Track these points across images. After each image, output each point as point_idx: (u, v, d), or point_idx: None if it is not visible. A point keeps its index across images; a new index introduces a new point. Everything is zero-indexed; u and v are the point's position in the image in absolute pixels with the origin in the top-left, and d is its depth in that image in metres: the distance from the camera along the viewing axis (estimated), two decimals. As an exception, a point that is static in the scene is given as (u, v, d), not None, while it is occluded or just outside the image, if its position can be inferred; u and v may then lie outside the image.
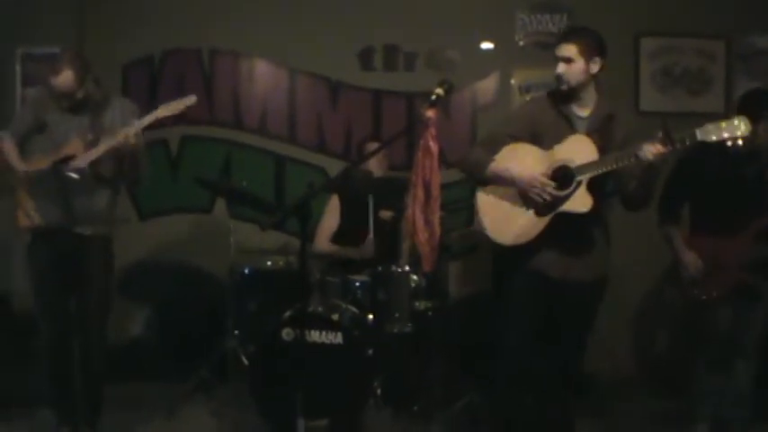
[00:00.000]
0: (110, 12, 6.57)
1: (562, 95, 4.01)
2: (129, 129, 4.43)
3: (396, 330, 5.10)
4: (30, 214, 4.49)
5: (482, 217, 4.15)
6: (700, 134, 3.51)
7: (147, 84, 6.60)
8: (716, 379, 4.80)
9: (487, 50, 6.53)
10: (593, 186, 3.80)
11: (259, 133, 6.67)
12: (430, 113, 3.68)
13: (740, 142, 3.49)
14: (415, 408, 5.19)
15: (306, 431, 4.41)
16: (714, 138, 3.49)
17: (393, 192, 5.45)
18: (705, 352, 4.86)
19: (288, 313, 4.89)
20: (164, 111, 4.53)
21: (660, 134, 3.57)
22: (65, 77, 4.43)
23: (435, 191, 3.73)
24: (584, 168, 3.79)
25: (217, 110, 6.68)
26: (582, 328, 4.12)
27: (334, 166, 6.51)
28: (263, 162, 6.66)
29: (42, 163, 4.46)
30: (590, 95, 3.99)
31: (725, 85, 6.46)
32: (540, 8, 6.46)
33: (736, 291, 4.64)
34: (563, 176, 3.86)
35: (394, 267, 5.18)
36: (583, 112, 3.99)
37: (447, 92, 3.74)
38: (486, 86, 6.57)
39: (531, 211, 3.95)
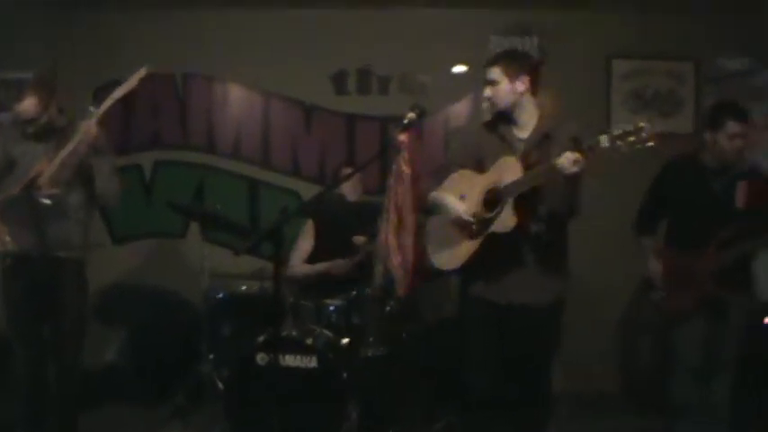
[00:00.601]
0: (83, 36, 6.56)
1: (501, 119, 4.03)
2: (88, 121, 4.40)
3: (370, 354, 5.11)
4: (2, 240, 4.46)
5: (428, 243, 4.19)
6: (603, 140, 3.45)
7: (120, 108, 6.56)
8: (692, 394, 4.84)
9: (460, 73, 6.56)
10: (523, 206, 3.78)
11: (233, 157, 6.69)
12: (402, 137, 3.71)
13: (649, 144, 3.43)
14: (392, 431, 5.17)
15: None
16: (619, 143, 3.43)
17: (367, 216, 5.46)
18: (679, 366, 4.89)
19: (262, 337, 4.88)
20: (120, 91, 4.49)
21: (571, 144, 3.56)
22: (28, 104, 4.45)
23: (408, 215, 3.74)
24: (508, 188, 3.79)
25: (190, 134, 6.69)
26: (539, 351, 4.08)
27: (309, 191, 6.53)
28: (236, 186, 6.66)
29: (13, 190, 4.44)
30: (528, 116, 3.98)
31: (694, 106, 6.53)
32: (512, 30, 6.50)
33: (704, 303, 4.69)
34: (493, 199, 3.87)
35: (368, 291, 5.18)
36: (522, 133, 3.98)
37: (419, 116, 3.77)
38: (460, 110, 6.61)
39: (467, 236, 3.97)
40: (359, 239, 5.57)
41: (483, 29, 6.50)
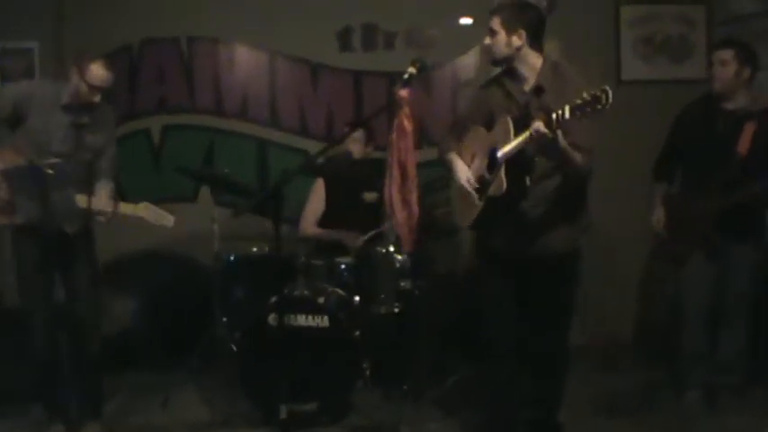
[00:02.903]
0: (87, 2, 6.52)
1: (505, 74, 4.00)
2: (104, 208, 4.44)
3: (382, 311, 5.12)
4: (7, 211, 4.46)
5: (451, 199, 4.21)
6: (566, 111, 3.37)
7: (126, 74, 6.55)
8: (700, 340, 4.82)
9: (467, 26, 6.48)
10: (513, 169, 3.72)
11: (240, 119, 6.65)
12: (403, 93, 3.67)
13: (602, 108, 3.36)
14: (405, 387, 5.18)
15: (295, 415, 4.47)
16: (578, 113, 3.32)
17: (375, 173, 5.44)
18: (688, 315, 4.87)
19: (273, 298, 4.88)
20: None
21: (542, 113, 3.50)
22: (100, 71, 4.41)
23: (411, 171, 3.71)
24: (499, 153, 3.76)
25: (197, 97, 6.65)
26: (552, 304, 4.07)
27: (317, 149, 6.46)
28: (245, 147, 6.64)
29: (17, 160, 4.42)
30: (529, 69, 3.91)
31: (706, 51, 6.38)
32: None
33: (704, 247, 4.67)
34: (492, 160, 3.84)
35: (378, 248, 5.17)
36: (526, 86, 3.93)
37: (420, 70, 3.74)
38: (467, 62, 6.54)
39: (474, 196, 3.98)
40: (369, 196, 5.55)
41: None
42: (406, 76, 3.71)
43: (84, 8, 6.51)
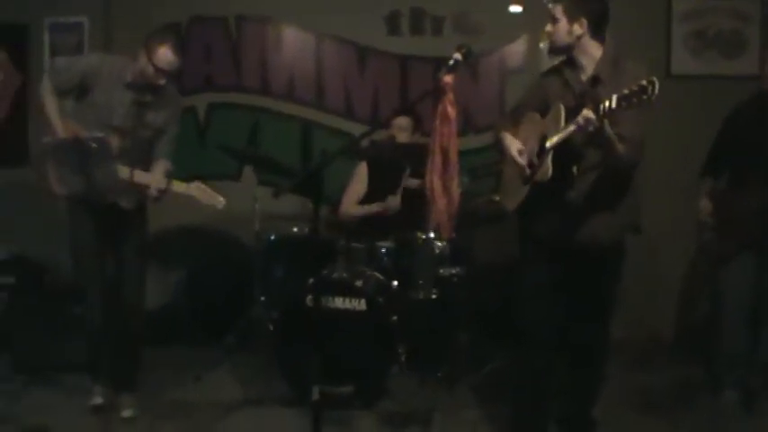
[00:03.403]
0: (136, -21, 6.58)
1: (565, 63, 3.98)
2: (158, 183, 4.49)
3: (420, 297, 5.12)
4: (56, 183, 4.51)
5: (502, 181, 4.23)
6: (613, 101, 3.38)
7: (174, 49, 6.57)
8: (740, 341, 4.76)
9: (516, 13, 6.43)
10: (560, 157, 3.73)
11: (286, 99, 6.67)
12: (447, 79, 3.63)
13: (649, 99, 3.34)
14: (440, 374, 5.18)
15: (329, 397, 4.47)
16: (624, 104, 3.34)
17: (420, 158, 5.41)
18: (726, 311, 4.81)
19: (311, 280, 4.89)
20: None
21: (591, 102, 3.51)
22: (166, 54, 4.45)
23: (453, 157, 3.68)
24: (549, 141, 3.77)
25: (243, 76, 6.70)
26: (592, 295, 4.04)
27: (361, 132, 6.45)
28: (290, 128, 6.66)
29: (78, 131, 4.44)
30: (588, 59, 3.88)
31: (760, 47, 6.29)
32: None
33: (751, 244, 4.60)
34: (542, 146, 3.85)
35: (419, 234, 5.17)
36: (583, 76, 3.89)
37: (465, 57, 3.69)
38: (515, 50, 6.49)
39: (522, 179, 3.99)
40: (413, 182, 5.54)
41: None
42: (451, 62, 3.67)
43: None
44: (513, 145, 4.00)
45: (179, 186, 4.50)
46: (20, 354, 5.47)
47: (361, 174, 5.91)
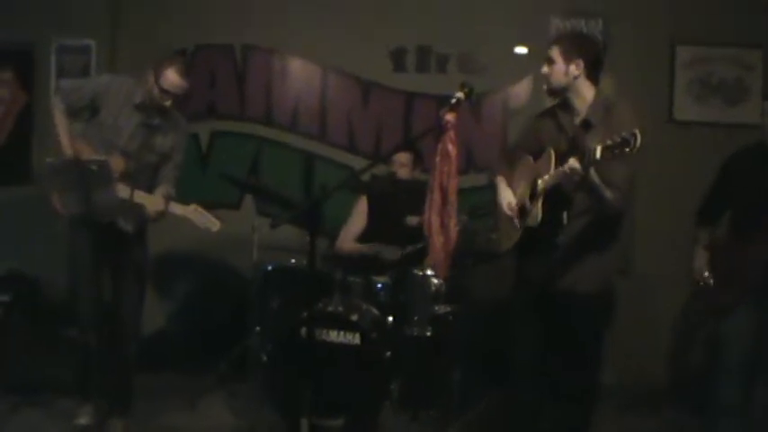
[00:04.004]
0: (144, 4, 6.64)
1: (559, 106, 4.02)
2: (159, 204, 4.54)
3: (415, 333, 5.10)
4: (58, 202, 4.53)
5: (500, 220, 4.24)
6: (597, 153, 3.42)
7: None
8: (737, 393, 4.72)
9: (521, 54, 6.46)
10: (550, 202, 3.78)
11: (289, 130, 6.69)
12: (449, 117, 3.67)
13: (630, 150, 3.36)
14: (432, 412, 5.16)
15: (321, 430, 4.47)
16: (608, 154, 3.37)
17: (420, 196, 5.42)
18: (723, 362, 4.77)
19: (306, 312, 4.88)
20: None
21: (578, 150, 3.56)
22: (175, 79, 4.51)
23: (452, 196, 3.70)
24: (538, 185, 3.83)
25: (247, 105, 6.73)
26: (578, 341, 4.02)
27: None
28: (292, 159, 6.68)
29: (86, 152, 4.50)
30: (581, 102, 3.92)
31: (762, 95, 6.32)
32: (575, 13, 6.38)
33: (750, 298, 4.57)
34: (533, 190, 3.89)
35: (416, 270, 5.17)
36: (576, 120, 3.93)
37: (468, 95, 3.74)
38: (519, 90, 6.51)
39: (514, 223, 4.03)
40: (412, 220, 5.53)
41: (545, 9, 6.38)
42: (453, 100, 3.71)
43: (141, 8, 6.64)
44: (505, 195, 4.08)
45: (176, 208, 4.54)
46: (10, 373, 5.42)
47: (361, 209, 5.91)
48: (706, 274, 4.74)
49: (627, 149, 3.30)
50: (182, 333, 6.33)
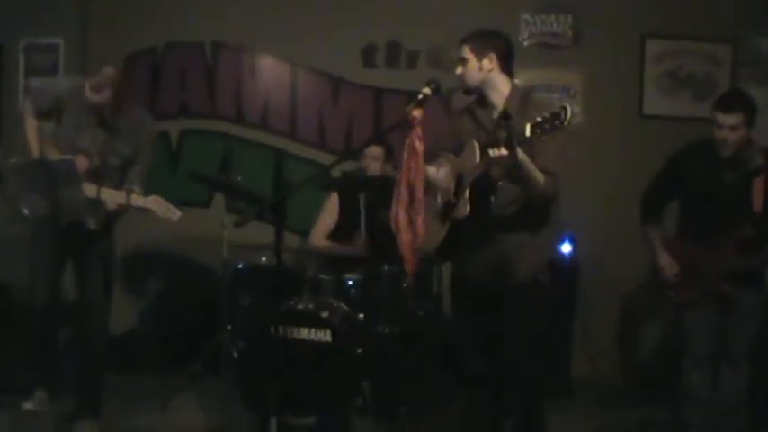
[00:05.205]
0: (113, 3, 6.59)
1: (476, 102, 4.02)
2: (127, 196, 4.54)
3: (386, 330, 5.09)
4: (23, 203, 4.50)
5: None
6: (526, 130, 3.41)
7: (149, 76, 6.59)
8: (703, 386, 4.75)
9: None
10: (476, 193, 3.75)
11: (260, 128, 6.68)
12: (416, 113, 3.66)
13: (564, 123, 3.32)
14: (403, 409, 5.15)
15: (290, 428, 4.45)
16: (538, 131, 3.37)
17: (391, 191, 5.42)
18: (689, 357, 4.80)
19: (276, 310, 4.87)
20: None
21: (504, 134, 3.48)
22: (104, 97, 4.50)
23: (420, 192, 3.69)
24: (462, 177, 3.81)
25: (218, 104, 6.70)
26: (519, 329, 3.97)
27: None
28: (263, 157, 6.67)
29: (55, 154, 4.51)
30: (497, 96, 3.92)
31: (713, 104, 6.34)
32: (545, 9, 6.39)
33: (713, 299, 4.59)
34: (458, 185, 3.86)
35: (386, 267, 5.16)
36: (494, 113, 3.93)
37: (434, 91, 3.74)
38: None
39: (441, 220, 4.00)
40: (384, 215, 5.52)
41: (515, 5, 6.40)
42: (420, 96, 3.71)
43: (111, 7, 6.59)
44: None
45: (137, 200, 4.52)
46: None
47: (332, 205, 5.90)
48: (675, 271, 4.73)
49: (557, 122, 3.28)
50: (152, 332, 6.29)
